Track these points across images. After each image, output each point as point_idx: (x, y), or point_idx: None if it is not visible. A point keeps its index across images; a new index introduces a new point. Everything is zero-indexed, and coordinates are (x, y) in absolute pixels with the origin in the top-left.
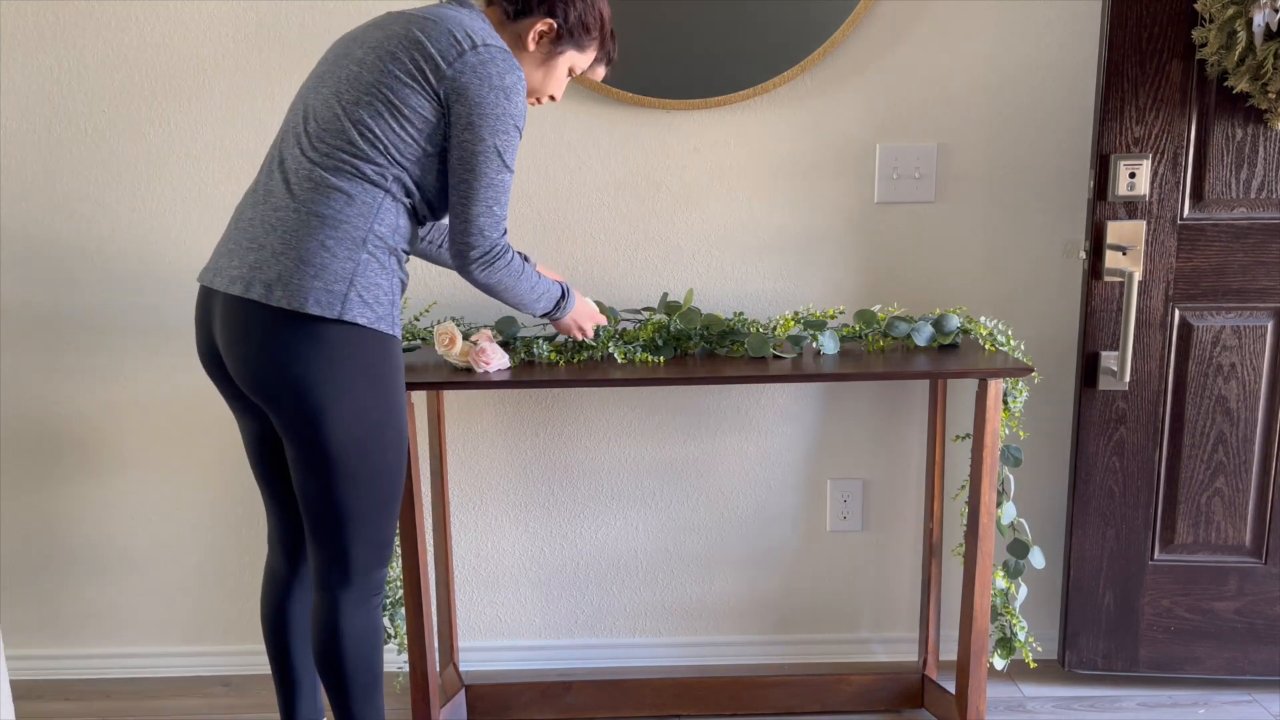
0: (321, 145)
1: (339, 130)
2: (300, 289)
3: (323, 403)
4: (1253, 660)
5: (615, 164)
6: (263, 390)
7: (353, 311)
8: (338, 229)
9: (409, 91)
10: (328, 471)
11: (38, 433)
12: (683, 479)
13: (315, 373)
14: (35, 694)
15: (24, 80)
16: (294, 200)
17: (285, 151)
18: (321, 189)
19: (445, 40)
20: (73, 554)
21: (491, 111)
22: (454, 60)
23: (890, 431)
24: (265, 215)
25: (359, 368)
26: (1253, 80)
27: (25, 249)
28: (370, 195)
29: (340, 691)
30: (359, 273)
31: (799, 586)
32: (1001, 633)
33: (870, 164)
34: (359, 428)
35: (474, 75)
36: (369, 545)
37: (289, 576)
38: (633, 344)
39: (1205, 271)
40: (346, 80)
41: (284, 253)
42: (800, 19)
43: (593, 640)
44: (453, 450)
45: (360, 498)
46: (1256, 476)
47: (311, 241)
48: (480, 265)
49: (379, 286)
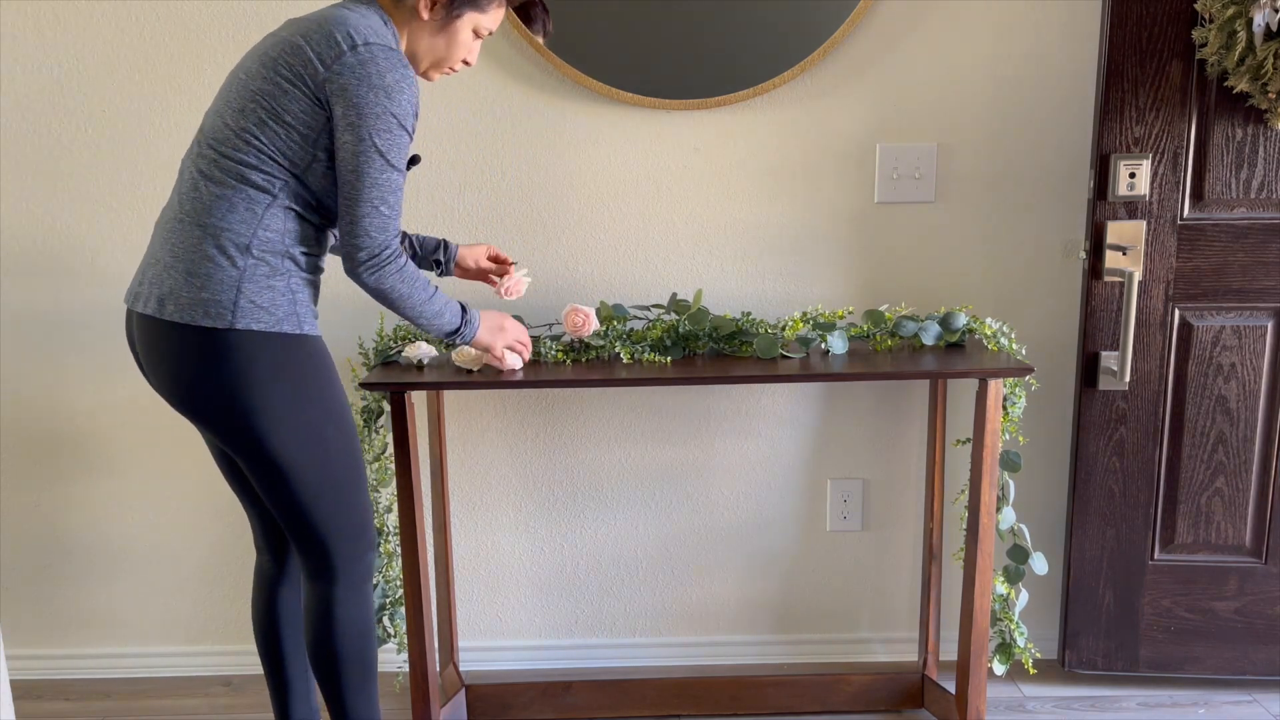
0: (210, 154)
1: (225, 139)
2: (189, 302)
3: (247, 413)
4: (1253, 660)
5: (615, 164)
6: (185, 407)
7: (245, 318)
8: (219, 237)
9: (290, 98)
10: (278, 476)
11: (38, 433)
12: (683, 479)
13: (227, 384)
14: (35, 694)
15: (24, 80)
16: (183, 211)
17: (184, 166)
18: (205, 199)
19: (324, 43)
20: (73, 554)
21: (372, 110)
22: (331, 63)
23: (890, 432)
24: (162, 230)
25: (270, 372)
26: (1253, 80)
27: (25, 249)
28: (254, 201)
29: (334, 683)
30: (246, 279)
31: (799, 586)
32: (1001, 638)
33: (870, 164)
34: (293, 430)
35: (352, 76)
36: (344, 534)
37: (276, 577)
38: (640, 344)
39: (1205, 271)
40: (235, 91)
41: (173, 265)
42: (800, 19)
43: (593, 640)
44: (453, 450)
45: (320, 493)
46: (1256, 476)
47: (195, 252)
48: (369, 268)
49: (273, 289)
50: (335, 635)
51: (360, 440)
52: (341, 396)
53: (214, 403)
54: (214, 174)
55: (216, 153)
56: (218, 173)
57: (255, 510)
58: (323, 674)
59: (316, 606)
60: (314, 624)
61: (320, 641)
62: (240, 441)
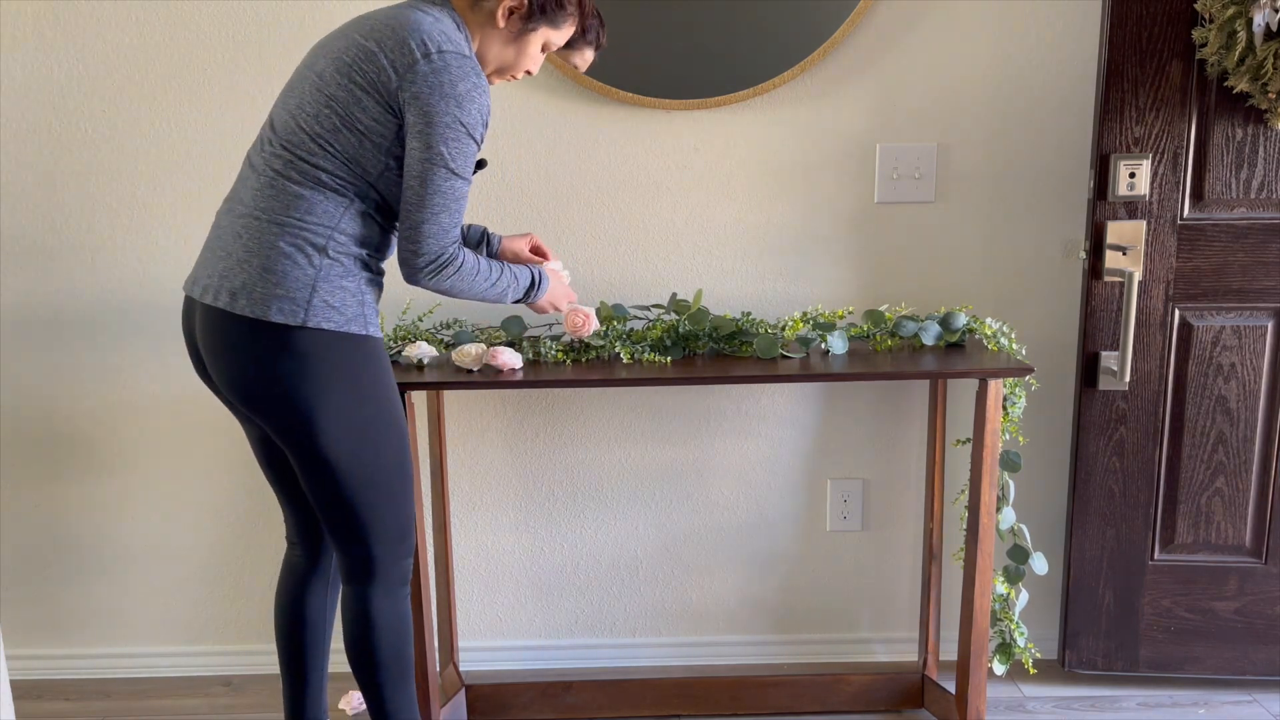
0: (284, 154)
1: (299, 142)
2: (263, 297)
3: (307, 409)
4: (1253, 660)
5: (616, 164)
6: (246, 399)
7: (317, 317)
8: (298, 236)
9: (364, 106)
10: (329, 474)
11: (38, 433)
12: (683, 479)
13: (292, 380)
14: (35, 694)
15: (24, 80)
16: (258, 208)
17: (254, 159)
18: (283, 196)
19: (398, 50)
20: (73, 554)
21: (442, 120)
22: (405, 71)
23: (890, 432)
24: (233, 223)
25: (334, 371)
26: (1253, 80)
27: (25, 249)
28: (331, 203)
29: (373, 682)
30: (321, 279)
31: (799, 586)
32: (1001, 638)
33: (870, 164)
34: (348, 428)
35: (425, 85)
36: (387, 538)
37: (308, 572)
38: (640, 344)
39: (1205, 271)
40: (309, 93)
41: (248, 260)
42: (800, 19)
43: (593, 640)
44: (453, 450)
45: (368, 495)
46: (1256, 476)
47: (273, 249)
48: (428, 273)
49: (345, 290)
50: (372, 636)
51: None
52: (397, 400)
53: (275, 397)
54: (290, 174)
55: (292, 154)
56: (295, 174)
57: (291, 504)
58: (361, 674)
59: (354, 606)
60: (351, 624)
61: (357, 641)
62: (295, 437)
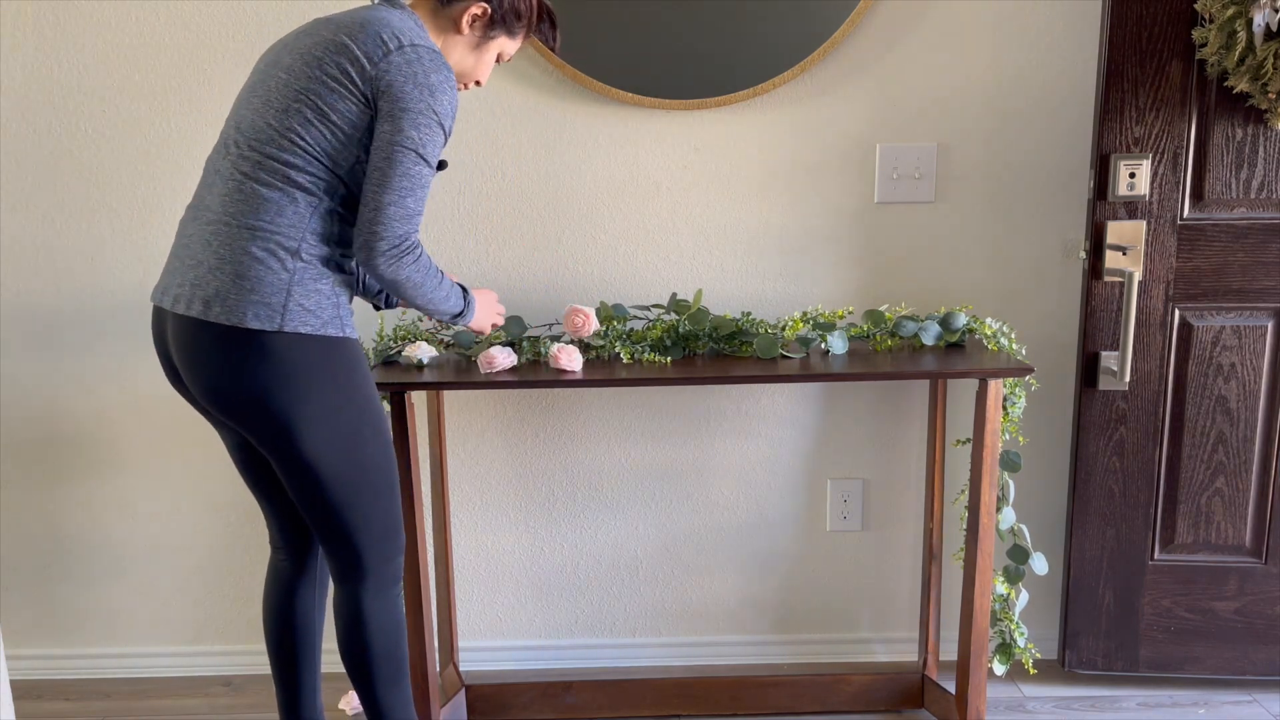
0: (252, 155)
1: (268, 139)
2: (237, 304)
3: (287, 414)
4: (1253, 660)
5: (616, 164)
6: (225, 407)
7: (294, 321)
8: (270, 240)
9: (337, 96)
10: (313, 478)
11: (38, 433)
12: (683, 479)
13: (270, 386)
14: (35, 694)
15: (24, 80)
16: (226, 213)
17: (219, 165)
18: (252, 200)
19: (372, 42)
20: (73, 554)
21: (414, 105)
22: (379, 60)
23: (890, 432)
24: (201, 230)
25: (313, 374)
26: (1253, 80)
27: (25, 249)
28: (301, 204)
29: (367, 682)
30: (295, 282)
31: (799, 586)
32: (1001, 638)
33: (870, 164)
34: (330, 431)
35: (399, 73)
36: (376, 538)
37: (294, 576)
38: (640, 344)
39: (1205, 271)
40: (276, 89)
41: (219, 268)
42: (800, 19)
43: (593, 640)
44: (453, 450)
45: (353, 495)
46: (1256, 476)
47: (244, 255)
48: (388, 258)
49: (319, 293)
50: (365, 636)
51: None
52: (377, 399)
53: (255, 403)
54: (259, 175)
55: (259, 154)
56: (263, 174)
57: (274, 509)
58: (355, 674)
59: (346, 607)
60: (343, 625)
61: (351, 642)
62: (277, 442)
